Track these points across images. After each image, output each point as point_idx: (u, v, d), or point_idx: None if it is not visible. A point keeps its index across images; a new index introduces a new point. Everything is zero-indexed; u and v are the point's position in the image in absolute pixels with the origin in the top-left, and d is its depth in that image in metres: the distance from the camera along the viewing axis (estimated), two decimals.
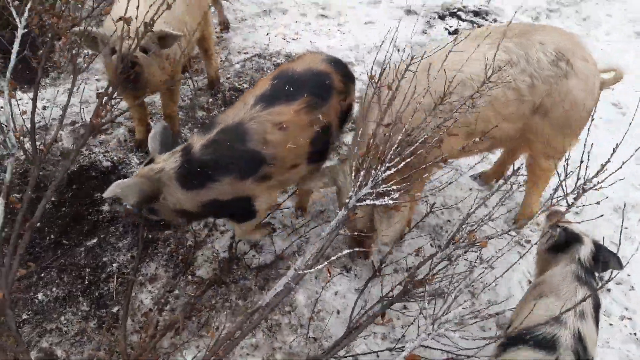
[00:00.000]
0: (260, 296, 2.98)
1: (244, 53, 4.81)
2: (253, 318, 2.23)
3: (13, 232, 2.27)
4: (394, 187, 2.02)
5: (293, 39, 5.01)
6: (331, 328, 2.87)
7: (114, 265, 3.08)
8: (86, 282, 2.99)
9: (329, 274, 2.94)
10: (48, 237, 3.20)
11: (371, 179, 2.00)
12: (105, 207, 3.37)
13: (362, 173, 2.03)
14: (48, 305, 2.90)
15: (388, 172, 1.99)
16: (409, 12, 5.35)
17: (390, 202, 1.97)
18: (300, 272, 2.02)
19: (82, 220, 3.30)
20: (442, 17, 5.39)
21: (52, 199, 3.40)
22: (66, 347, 2.73)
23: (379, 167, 2.01)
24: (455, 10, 5.50)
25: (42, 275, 3.02)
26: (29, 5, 2.36)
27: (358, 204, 2.03)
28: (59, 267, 3.05)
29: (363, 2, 5.51)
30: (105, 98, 2.38)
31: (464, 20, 5.37)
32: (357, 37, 5.02)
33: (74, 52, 2.56)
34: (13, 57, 2.33)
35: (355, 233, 2.59)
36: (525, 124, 2.78)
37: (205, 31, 3.89)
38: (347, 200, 2.05)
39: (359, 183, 2.02)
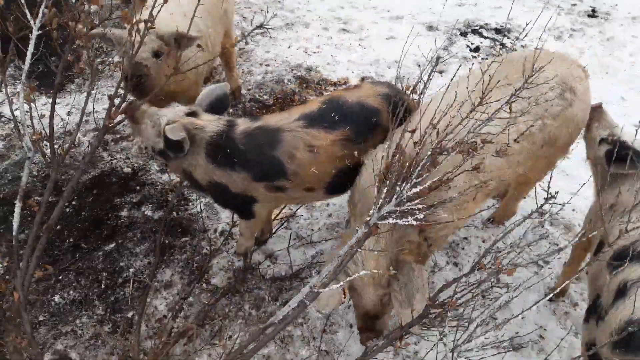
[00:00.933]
0: (274, 307, 2.98)
1: (266, 65, 4.87)
2: (266, 332, 2.21)
3: (30, 234, 2.30)
4: (420, 206, 1.85)
5: (314, 52, 5.06)
6: (343, 342, 2.85)
7: (131, 270, 3.11)
8: (103, 286, 3.03)
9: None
10: (67, 241, 3.25)
11: (395, 196, 1.88)
12: (124, 213, 3.42)
13: (384, 189, 1.91)
14: (64, 308, 2.93)
15: (415, 189, 1.86)
16: (430, 28, 5.36)
17: (414, 222, 1.83)
18: (315, 290, 1.99)
19: (101, 224, 3.34)
20: (464, 34, 5.39)
21: (73, 202, 3.46)
22: (80, 350, 2.76)
23: (404, 183, 1.87)
24: (477, 28, 5.50)
25: (60, 277, 3.06)
26: (43, 6, 2.35)
27: (380, 222, 1.92)
28: (77, 271, 3.09)
29: (385, 17, 5.55)
30: (117, 100, 2.39)
31: (485, 38, 5.37)
32: (378, 52, 5.04)
33: (91, 55, 2.58)
34: (27, 60, 2.34)
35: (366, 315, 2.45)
36: (533, 160, 2.69)
37: (228, 44, 3.96)
38: (367, 218, 1.93)
39: (381, 200, 1.90)
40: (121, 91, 2.80)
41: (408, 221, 1.83)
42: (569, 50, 5.24)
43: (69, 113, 4.18)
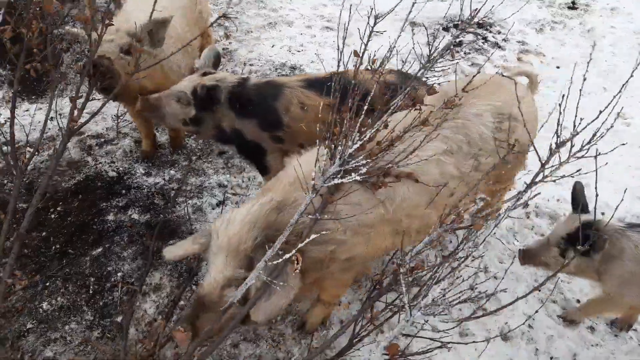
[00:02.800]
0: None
1: (249, 65, 4.85)
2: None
3: None
4: (364, 162, 1.85)
5: (298, 51, 5.06)
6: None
7: (119, 274, 3.08)
8: (91, 292, 3.00)
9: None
10: (54, 247, 3.21)
11: (339, 156, 1.87)
12: (111, 217, 3.39)
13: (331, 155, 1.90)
14: (52, 315, 2.90)
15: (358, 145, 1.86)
16: (413, 24, 5.38)
17: (358, 177, 1.83)
18: (269, 263, 1.91)
19: (87, 229, 3.31)
20: (446, 29, 5.43)
21: (58, 208, 3.42)
22: (70, 355, 2.73)
23: (345, 142, 1.85)
24: (458, 22, 5.54)
25: (47, 284, 3.03)
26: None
27: (326, 184, 1.89)
28: (64, 277, 3.06)
29: (367, 15, 5.54)
30: (80, 101, 2.38)
31: (467, 32, 5.40)
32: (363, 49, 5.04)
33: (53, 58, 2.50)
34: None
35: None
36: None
37: (207, 44, 3.95)
38: (312, 182, 1.88)
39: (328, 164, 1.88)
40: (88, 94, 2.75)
41: (352, 178, 1.86)
42: (550, 43, 5.29)
43: (51, 118, 4.13)
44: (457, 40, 5.25)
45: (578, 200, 2.52)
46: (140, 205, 3.47)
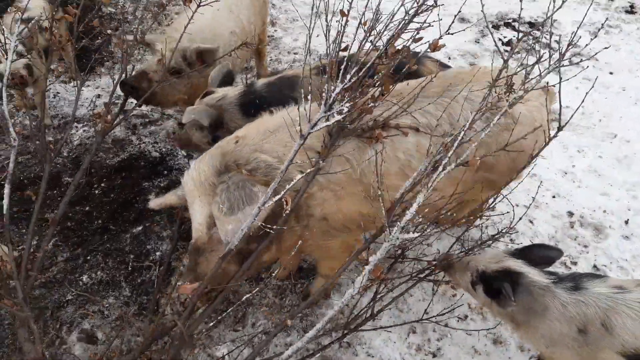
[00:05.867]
0: (294, 296, 3.00)
1: (294, 53, 4.84)
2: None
3: (29, 226, 2.43)
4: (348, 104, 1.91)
5: (343, 42, 5.01)
6: (365, 333, 2.85)
7: (157, 253, 3.14)
8: (129, 268, 3.07)
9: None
10: (96, 222, 3.29)
11: (323, 102, 1.92)
12: (152, 197, 3.44)
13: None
14: (92, 288, 2.98)
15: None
16: (462, 20, 5.27)
17: (340, 117, 1.90)
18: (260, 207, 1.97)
19: (129, 207, 3.38)
20: (496, 27, 5.29)
21: (102, 185, 3.50)
22: (106, 330, 2.80)
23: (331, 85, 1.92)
24: (510, 21, 5.39)
25: (88, 258, 3.11)
26: None
27: (312, 131, 1.92)
28: (105, 252, 3.13)
29: (415, 8, 5.45)
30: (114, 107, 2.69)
31: (518, 32, 5.26)
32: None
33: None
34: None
35: None
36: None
37: (262, 35, 3.97)
38: (299, 128, 1.94)
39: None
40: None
41: (335, 119, 1.91)
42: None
43: (98, 96, 4.22)
44: (507, 39, 5.12)
45: (528, 250, 2.20)
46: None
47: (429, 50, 2.11)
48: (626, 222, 3.38)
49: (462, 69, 2.36)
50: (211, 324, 2.55)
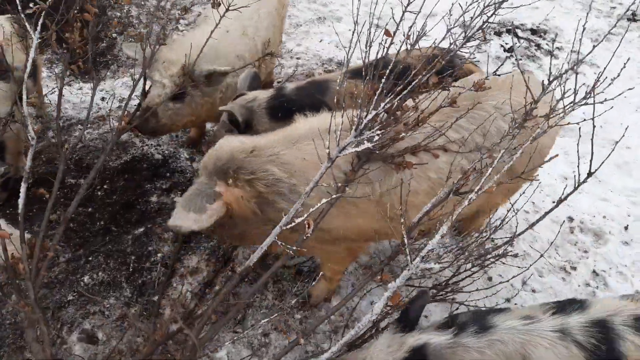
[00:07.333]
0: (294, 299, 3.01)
1: (297, 58, 4.88)
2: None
3: (41, 224, 2.43)
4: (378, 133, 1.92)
5: (345, 47, 5.04)
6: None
7: (159, 255, 3.16)
8: (131, 269, 3.09)
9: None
10: (98, 223, 3.31)
11: (354, 127, 1.95)
12: (154, 198, 3.47)
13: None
14: (93, 289, 3.00)
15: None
16: (464, 26, 5.29)
17: (370, 145, 1.91)
18: (280, 228, 2.01)
19: (131, 209, 3.40)
20: (498, 34, 5.32)
21: (104, 186, 3.53)
22: (107, 330, 2.82)
23: (363, 112, 1.94)
24: (511, 27, 5.42)
25: (90, 259, 3.13)
26: None
27: (340, 155, 1.94)
28: (106, 253, 3.15)
29: (417, 15, 5.49)
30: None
31: (520, 38, 5.29)
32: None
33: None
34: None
35: None
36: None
37: (276, 49, 4.00)
38: (327, 151, 1.94)
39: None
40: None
41: (365, 146, 1.93)
42: (605, 54, 5.12)
43: (102, 99, 4.26)
44: (508, 45, 5.15)
45: (411, 312, 1.96)
46: (183, 189, 3.54)
47: (472, 89, 2.17)
48: (626, 228, 3.39)
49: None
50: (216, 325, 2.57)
